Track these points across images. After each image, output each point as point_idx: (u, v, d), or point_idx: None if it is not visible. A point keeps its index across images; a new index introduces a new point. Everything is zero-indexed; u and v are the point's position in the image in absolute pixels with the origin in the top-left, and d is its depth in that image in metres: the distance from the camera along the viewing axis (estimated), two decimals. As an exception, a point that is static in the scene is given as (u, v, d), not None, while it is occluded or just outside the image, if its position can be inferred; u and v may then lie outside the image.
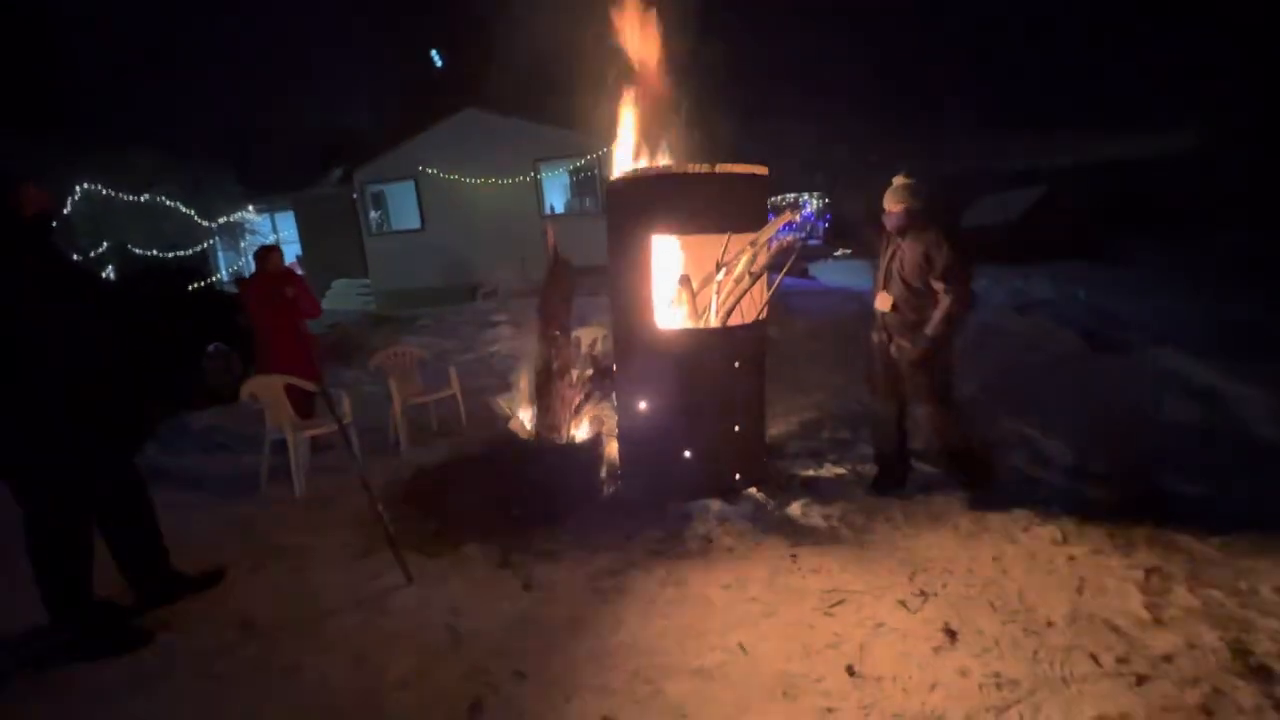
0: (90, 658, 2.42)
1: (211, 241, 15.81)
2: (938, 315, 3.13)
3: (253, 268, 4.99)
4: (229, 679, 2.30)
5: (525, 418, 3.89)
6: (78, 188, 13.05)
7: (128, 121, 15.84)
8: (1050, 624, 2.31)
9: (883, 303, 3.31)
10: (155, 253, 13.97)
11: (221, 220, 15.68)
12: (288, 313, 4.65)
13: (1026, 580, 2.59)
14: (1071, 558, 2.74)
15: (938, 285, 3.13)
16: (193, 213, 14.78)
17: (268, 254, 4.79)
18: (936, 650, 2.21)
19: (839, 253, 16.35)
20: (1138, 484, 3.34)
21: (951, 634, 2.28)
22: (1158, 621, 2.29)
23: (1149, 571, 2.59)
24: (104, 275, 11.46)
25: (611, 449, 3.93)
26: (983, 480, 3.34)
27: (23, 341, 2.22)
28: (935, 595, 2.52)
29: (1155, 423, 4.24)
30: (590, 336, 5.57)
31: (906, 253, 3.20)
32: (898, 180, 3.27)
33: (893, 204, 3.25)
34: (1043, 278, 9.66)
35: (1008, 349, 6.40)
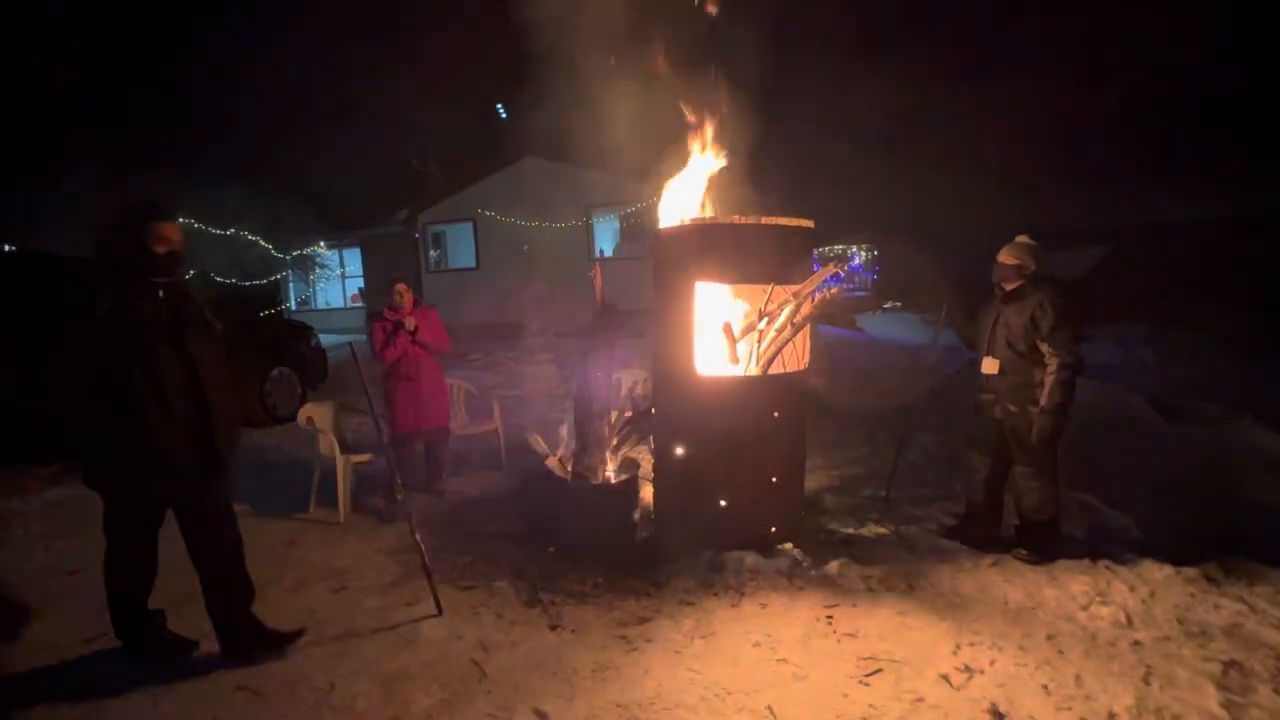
0: (135, 663, 2.52)
1: (285, 273, 16.94)
2: (1050, 383, 3.10)
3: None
4: (264, 693, 2.36)
5: (563, 456, 3.94)
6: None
7: (221, 159, 17.38)
8: (1112, 715, 2.13)
9: (989, 366, 3.34)
10: (234, 281, 15.06)
11: (295, 253, 16.81)
12: (414, 350, 4.28)
13: (1085, 663, 2.41)
14: (1137, 642, 2.54)
15: (1044, 348, 3.13)
16: (270, 247, 15.93)
17: (395, 288, 4.31)
18: (982, 733, 2.07)
19: (888, 305, 16.02)
20: (1214, 567, 3.09)
21: (999, 717, 2.13)
22: (1237, 723, 2.09)
23: (1227, 665, 2.37)
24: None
25: (647, 492, 3.92)
26: (1043, 559, 3.23)
27: (136, 376, 2.27)
28: (982, 672, 2.37)
29: (1233, 498, 3.92)
30: (630, 378, 5.63)
31: (1012, 317, 3.23)
32: (1021, 238, 3.31)
33: (1009, 258, 3.26)
34: (1106, 340, 9.17)
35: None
